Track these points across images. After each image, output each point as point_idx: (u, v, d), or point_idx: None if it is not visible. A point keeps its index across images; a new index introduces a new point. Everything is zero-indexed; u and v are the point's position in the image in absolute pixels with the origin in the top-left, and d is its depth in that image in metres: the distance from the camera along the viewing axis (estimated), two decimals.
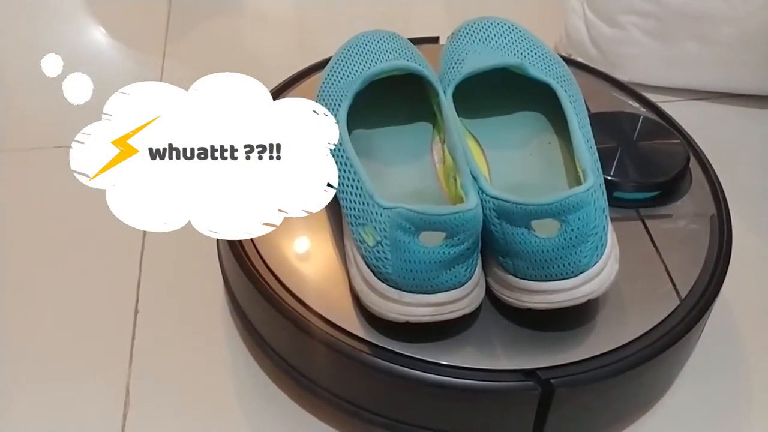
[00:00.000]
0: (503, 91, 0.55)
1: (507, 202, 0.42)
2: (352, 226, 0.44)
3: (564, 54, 0.80)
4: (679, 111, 0.65)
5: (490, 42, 0.56)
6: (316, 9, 0.97)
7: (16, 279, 0.62)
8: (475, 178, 0.44)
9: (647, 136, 0.58)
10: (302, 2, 0.99)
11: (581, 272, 0.42)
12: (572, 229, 0.41)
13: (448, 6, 0.98)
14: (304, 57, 0.68)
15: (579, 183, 0.45)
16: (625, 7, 0.78)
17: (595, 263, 0.43)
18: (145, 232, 0.65)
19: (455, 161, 0.46)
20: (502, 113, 0.55)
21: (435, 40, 0.70)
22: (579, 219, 0.41)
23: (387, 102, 0.55)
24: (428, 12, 0.97)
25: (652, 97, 0.66)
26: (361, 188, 0.44)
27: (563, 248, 0.41)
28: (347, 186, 0.45)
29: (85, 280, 0.62)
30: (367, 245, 0.42)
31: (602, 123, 0.57)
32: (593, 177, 0.43)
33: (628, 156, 0.56)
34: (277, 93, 0.64)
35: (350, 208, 0.45)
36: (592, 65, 0.73)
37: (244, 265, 0.49)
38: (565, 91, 0.52)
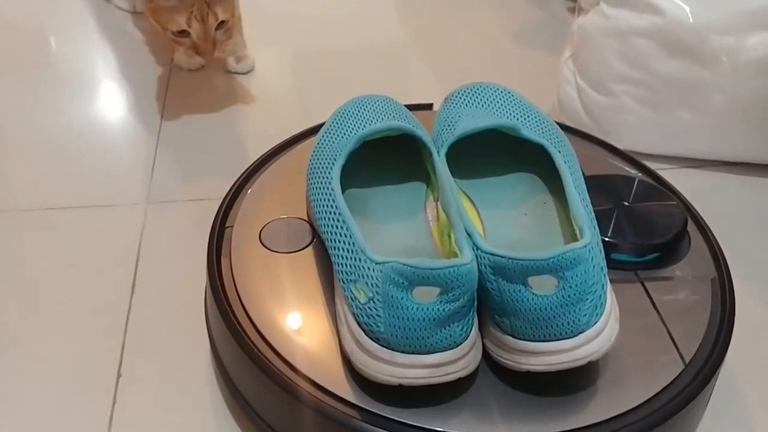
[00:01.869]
0: (497, 152, 0.55)
1: (503, 257, 0.40)
2: (344, 282, 0.43)
3: (557, 121, 0.81)
4: (674, 178, 0.65)
5: (483, 105, 0.56)
6: (312, 79, 0.98)
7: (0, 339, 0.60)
8: (469, 235, 0.43)
9: (643, 197, 0.57)
10: (299, 73, 1.00)
11: (581, 332, 0.41)
12: (570, 286, 0.40)
13: (442, 74, 1.00)
14: (299, 124, 0.68)
15: (576, 241, 0.44)
16: (616, 76, 0.79)
17: (595, 323, 0.41)
18: (132, 292, 0.64)
19: (449, 217, 0.45)
20: (496, 174, 0.55)
21: (429, 106, 0.71)
22: (577, 276, 0.40)
23: (381, 162, 0.55)
24: (423, 80, 0.99)
25: (647, 164, 0.66)
26: (353, 244, 0.43)
27: (561, 306, 0.40)
28: (339, 242, 0.44)
29: (68, 342, 0.60)
30: (359, 302, 0.41)
31: (597, 185, 0.56)
32: (590, 234, 0.42)
33: (624, 218, 0.55)
34: (273, 155, 0.64)
35: (341, 264, 0.43)
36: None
37: (231, 325, 0.48)
38: (559, 151, 0.51)
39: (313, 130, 0.66)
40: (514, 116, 0.55)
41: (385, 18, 1.15)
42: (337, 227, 0.45)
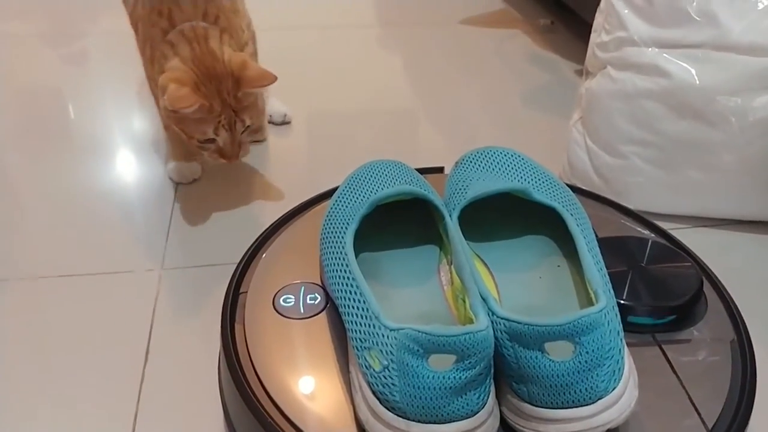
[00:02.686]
0: (509, 215, 0.55)
1: (519, 323, 0.40)
2: (358, 350, 0.43)
3: (568, 183, 0.82)
4: (686, 238, 0.65)
5: (493, 169, 0.57)
6: (324, 143, 1.00)
7: (15, 406, 0.59)
8: (484, 299, 0.43)
9: (658, 260, 0.57)
10: (311, 136, 1.02)
11: (599, 398, 0.40)
12: (587, 352, 0.39)
13: (452, 137, 1.01)
14: (312, 188, 0.69)
15: (591, 305, 0.43)
16: (625, 138, 0.80)
17: (614, 389, 0.40)
18: (145, 360, 0.64)
19: (463, 281, 0.45)
20: (509, 237, 0.55)
21: (440, 170, 0.71)
22: (593, 341, 0.39)
23: (394, 226, 0.55)
24: (433, 143, 1.00)
25: (659, 224, 0.66)
26: (367, 309, 0.43)
27: (579, 372, 0.39)
28: (352, 308, 0.44)
29: (82, 408, 0.59)
30: (373, 370, 0.41)
31: (611, 247, 0.56)
32: (605, 298, 0.42)
33: (640, 280, 0.55)
34: (286, 220, 0.64)
35: (355, 331, 0.43)
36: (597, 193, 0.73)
37: (244, 393, 0.47)
38: (571, 214, 0.52)
39: (326, 195, 0.67)
40: (525, 179, 0.55)
41: (395, 82, 1.18)
42: (350, 292, 0.45)
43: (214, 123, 0.77)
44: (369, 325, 0.42)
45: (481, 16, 1.45)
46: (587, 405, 0.40)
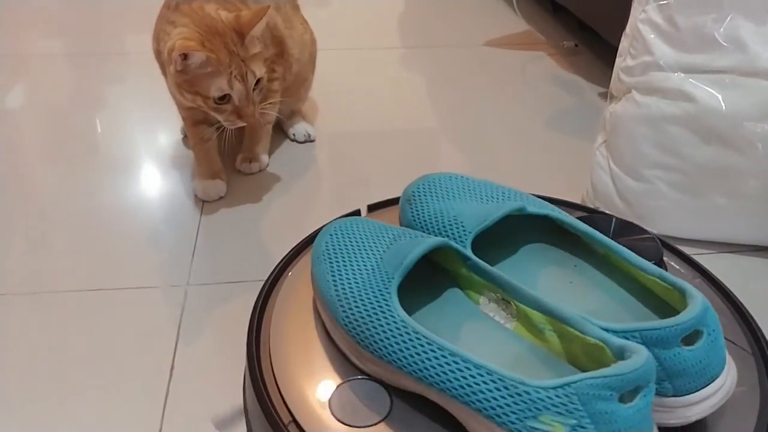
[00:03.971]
0: (499, 236, 0.56)
1: (656, 329, 0.42)
2: (512, 424, 0.39)
3: (591, 206, 0.81)
4: (711, 264, 0.64)
5: (459, 195, 0.57)
6: (346, 163, 1.01)
7: (39, 419, 0.60)
8: (570, 320, 0.44)
9: (623, 233, 0.59)
10: (333, 156, 1.03)
11: (724, 366, 0.44)
12: (713, 330, 0.43)
13: (475, 159, 1.01)
14: (336, 207, 0.70)
15: (637, 291, 0.49)
16: (650, 162, 0.80)
17: (726, 353, 0.45)
18: (170, 375, 0.65)
19: (547, 312, 0.45)
20: (509, 256, 0.55)
21: (395, 201, 0.67)
22: (713, 318, 0.43)
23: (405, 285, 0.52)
24: (455, 166, 1.00)
25: (681, 248, 0.65)
26: (502, 379, 0.39)
27: (712, 350, 0.43)
28: (471, 385, 0.41)
29: (108, 423, 0.60)
30: None
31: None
32: (680, 280, 0.46)
33: None
34: (313, 239, 0.64)
35: (491, 408, 0.39)
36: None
37: (269, 413, 0.47)
38: (558, 214, 0.54)
39: (348, 215, 0.66)
40: (496, 198, 0.56)
41: (419, 102, 1.19)
42: (458, 370, 0.41)
43: (226, 75, 0.79)
44: (509, 395, 0.39)
45: (505, 37, 1.47)
46: (719, 376, 0.43)
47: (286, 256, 0.62)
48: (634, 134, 0.81)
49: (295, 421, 0.47)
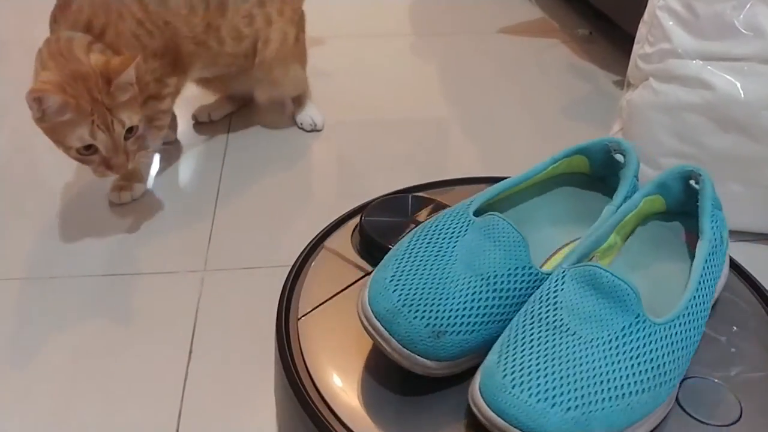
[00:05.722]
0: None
1: None
2: None
3: None
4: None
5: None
6: (361, 151, 1.01)
7: (58, 403, 0.61)
8: None
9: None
10: (347, 146, 1.03)
11: None
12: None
13: (489, 148, 1.01)
14: (352, 195, 0.70)
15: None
16: (667, 150, 0.80)
17: None
18: (189, 359, 0.65)
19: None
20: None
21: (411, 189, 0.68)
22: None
23: None
24: (469, 154, 1.00)
25: None
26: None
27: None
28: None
29: (125, 408, 0.61)
30: None
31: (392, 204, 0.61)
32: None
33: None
34: (340, 224, 0.64)
35: None
36: None
37: (300, 397, 0.47)
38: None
39: (364, 206, 0.65)
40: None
41: (431, 90, 1.19)
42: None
43: (87, 124, 0.72)
44: None
45: (519, 24, 1.46)
46: None
47: (311, 242, 0.61)
48: (651, 122, 0.80)
49: (326, 403, 0.47)
